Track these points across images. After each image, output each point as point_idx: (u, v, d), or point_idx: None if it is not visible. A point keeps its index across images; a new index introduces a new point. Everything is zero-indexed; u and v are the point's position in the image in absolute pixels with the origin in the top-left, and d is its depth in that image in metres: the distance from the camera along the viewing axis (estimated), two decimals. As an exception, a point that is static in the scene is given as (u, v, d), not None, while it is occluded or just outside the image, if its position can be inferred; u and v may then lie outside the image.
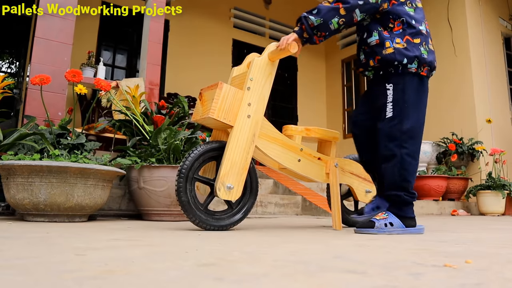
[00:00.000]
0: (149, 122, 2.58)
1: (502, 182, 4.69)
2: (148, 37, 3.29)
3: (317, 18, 1.63)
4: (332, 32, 1.66)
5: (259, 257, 0.88)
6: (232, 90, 1.63)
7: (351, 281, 0.64)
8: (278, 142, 1.79)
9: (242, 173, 1.62)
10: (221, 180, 1.57)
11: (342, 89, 7.67)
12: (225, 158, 1.58)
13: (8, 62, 8.33)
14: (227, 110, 1.60)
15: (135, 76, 5.92)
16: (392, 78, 1.71)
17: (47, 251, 0.90)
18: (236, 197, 1.63)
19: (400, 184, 1.68)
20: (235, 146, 1.60)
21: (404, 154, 1.66)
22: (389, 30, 1.72)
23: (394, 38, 1.70)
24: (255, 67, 1.68)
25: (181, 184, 1.59)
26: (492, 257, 0.97)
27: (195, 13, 6.69)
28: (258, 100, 1.67)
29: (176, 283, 0.60)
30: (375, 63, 1.75)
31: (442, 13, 6.07)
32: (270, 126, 1.77)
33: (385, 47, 1.70)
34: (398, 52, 1.67)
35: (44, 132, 2.12)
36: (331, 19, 1.62)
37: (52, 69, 2.73)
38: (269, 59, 1.71)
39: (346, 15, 1.63)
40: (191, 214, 1.59)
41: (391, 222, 1.64)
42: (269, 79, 1.71)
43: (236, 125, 1.61)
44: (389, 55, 1.68)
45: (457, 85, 5.77)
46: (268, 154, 1.75)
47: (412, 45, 1.69)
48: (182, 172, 1.60)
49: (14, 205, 1.98)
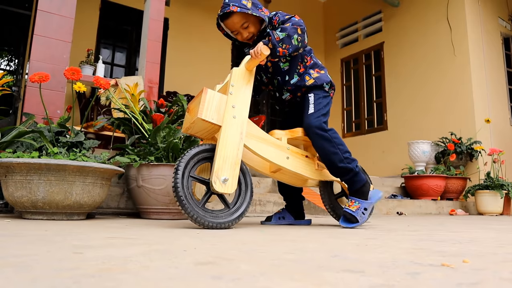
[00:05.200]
0: (148, 120, 2.58)
1: (500, 182, 4.70)
2: (147, 36, 3.29)
3: (282, 33, 1.87)
4: (293, 47, 1.89)
5: (257, 256, 0.89)
6: (217, 94, 1.76)
7: (349, 280, 0.64)
8: (264, 141, 1.89)
9: (235, 168, 1.68)
10: (215, 174, 1.63)
11: (341, 88, 7.68)
12: (217, 155, 1.65)
13: (7, 60, 8.31)
14: (214, 111, 1.71)
15: (134, 74, 5.91)
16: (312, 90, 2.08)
17: (45, 249, 0.90)
18: (232, 189, 1.67)
19: (338, 165, 1.94)
20: (226, 142, 1.68)
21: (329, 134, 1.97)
22: (304, 64, 2.09)
23: (309, 70, 2.09)
24: (235, 75, 1.82)
25: (178, 180, 1.61)
26: (489, 256, 0.97)
27: (194, 11, 6.69)
28: (241, 102, 1.79)
29: (174, 281, 0.60)
30: (302, 93, 2.09)
31: (441, 13, 6.08)
32: (256, 127, 1.88)
33: (306, 80, 2.06)
34: (317, 78, 2.07)
35: (42, 130, 2.11)
36: (293, 35, 1.88)
37: (51, 67, 2.73)
38: (246, 68, 1.85)
39: (302, 35, 1.91)
40: (189, 210, 1.60)
41: (365, 208, 1.93)
42: (249, 85, 1.85)
43: (224, 125, 1.70)
44: (313, 84, 2.06)
45: (456, 85, 5.78)
46: (257, 152, 1.83)
47: (322, 74, 2.10)
48: (178, 169, 1.64)
49: (12, 203, 1.98)
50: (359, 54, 7.39)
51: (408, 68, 6.47)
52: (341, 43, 7.80)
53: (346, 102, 7.60)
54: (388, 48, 6.84)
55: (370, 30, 7.24)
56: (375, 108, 7.00)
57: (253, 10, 1.94)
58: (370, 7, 7.25)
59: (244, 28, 2.00)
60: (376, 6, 7.09)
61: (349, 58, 7.58)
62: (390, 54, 6.80)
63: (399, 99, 6.54)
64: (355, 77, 7.47)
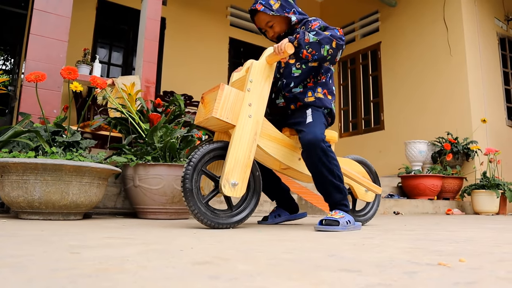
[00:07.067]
0: (145, 120, 2.57)
1: (496, 181, 4.72)
2: (144, 35, 3.28)
3: (315, 37, 1.75)
4: (319, 56, 1.77)
5: (254, 256, 0.88)
6: (234, 91, 1.68)
7: (346, 279, 0.64)
8: (278, 142, 1.84)
9: (245, 171, 1.65)
10: (225, 177, 1.60)
11: (338, 88, 7.68)
12: (229, 156, 1.62)
13: (3, 59, 8.27)
14: (229, 110, 1.65)
15: (131, 74, 5.90)
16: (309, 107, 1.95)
17: (42, 249, 0.90)
18: (241, 193, 1.65)
19: (335, 183, 1.80)
20: (238, 144, 1.64)
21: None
22: (316, 79, 1.96)
23: (317, 88, 1.96)
24: (254, 70, 1.74)
25: (188, 172, 1.60)
26: (485, 256, 0.97)
27: (191, 11, 6.67)
28: (258, 100, 1.73)
29: (171, 281, 0.60)
30: (296, 107, 1.98)
31: (438, 13, 6.10)
32: (270, 126, 1.83)
33: (307, 95, 1.94)
34: (318, 99, 1.94)
35: (39, 130, 2.10)
36: (325, 44, 1.76)
37: (47, 66, 2.72)
38: (267, 62, 1.78)
39: (335, 49, 1.78)
40: (191, 203, 1.59)
41: (349, 221, 1.75)
42: (268, 81, 1.78)
43: (238, 124, 1.66)
44: (311, 102, 1.93)
45: (452, 85, 5.80)
46: (269, 153, 1.80)
47: (327, 98, 1.98)
48: (192, 161, 1.62)
49: (8, 203, 1.97)
50: (356, 54, 7.40)
51: (404, 68, 6.48)
52: (338, 43, 7.81)
53: (343, 102, 7.61)
54: (385, 48, 6.85)
55: (367, 30, 7.26)
56: (372, 108, 7.02)
57: (277, 11, 1.93)
58: (367, 7, 7.26)
59: (269, 27, 1.99)
60: (373, 6, 7.10)
61: (346, 58, 7.59)
62: (387, 54, 6.81)
63: (396, 99, 6.56)
64: (352, 77, 7.48)
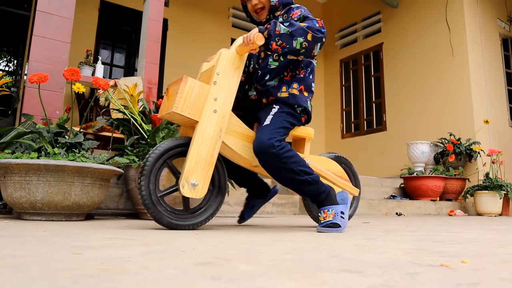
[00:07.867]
0: (147, 121, 2.58)
1: (499, 182, 4.70)
2: (146, 36, 3.29)
3: (286, 28, 1.63)
4: (291, 49, 1.65)
5: (255, 256, 0.88)
6: (198, 84, 1.59)
7: (348, 280, 0.64)
8: (247, 139, 1.72)
9: (207, 170, 1.56)
10: (185, 177, 1.52)
11: (340, 89, 7.68)
12: (189, 154, 1.53)
13: (6, 60, 8.31)
14: (191, 105, 1.56)
15: (133, 75, 5.91)
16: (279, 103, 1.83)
17: (44, 250, 0.90)
18: (201, 195, 1.56)
19: (302, 180, 1.69)
20: (200, 141, 1.55)
21: None
22: (293, 73, 1.84)
23: (293, 83, 1.83)
24: (222, 61, 1.63)
25: (142, 183, 1.52)
26: (488, 257, 0.97)
27: (193, 12, 6.69)
28: (226, 94, 1.62)
29: (173, 281, 0.60)
30: (267, 101, 1.86)
31: (440, 14, 6.09)
32: (238, 121, 1.72)
33: (280, 90, 1.82)
34: (292, 96, 1.81)
35: (41, 131, 2.11)
36: (298, 37, 1.63)
37: (50, 67, 2.72)
38: (237, 52, 1.67)
39: (310, 42, 1.65)
40: (149, 206, 1.51)
41: (342, 211, 1.69)
42: (237, 73, 1.67)
43: (201, 120, 1.56)
44: (284, 98, 1.81)
45: (454, 85, 5.79)
46: (236, 151, 1.69)
47: (303, 96, 1.85)
48: (148, 160, 1.54)
49: (11, 203, 1.97)
50: (358, 55, 7.39)
51: (407, 68, 6.47)
52: (340, 44, 7.80)
53: (345, 103, 7.60)
54: (387, 49, 6.84)
55: (369, 31, 7.25)
56: (374, 109, 7.01)
57: None
58: (369, 8, 7.25)
59: (256, 11, 1.86)
60: (375, 7, 7.10)
61: (348, 59, 7.59)
62: (389, 55, 6.80)
63: (398, 99, 6.54)
64: (354, 78, 7.47)
